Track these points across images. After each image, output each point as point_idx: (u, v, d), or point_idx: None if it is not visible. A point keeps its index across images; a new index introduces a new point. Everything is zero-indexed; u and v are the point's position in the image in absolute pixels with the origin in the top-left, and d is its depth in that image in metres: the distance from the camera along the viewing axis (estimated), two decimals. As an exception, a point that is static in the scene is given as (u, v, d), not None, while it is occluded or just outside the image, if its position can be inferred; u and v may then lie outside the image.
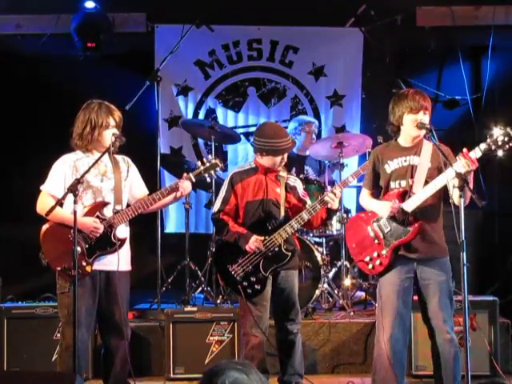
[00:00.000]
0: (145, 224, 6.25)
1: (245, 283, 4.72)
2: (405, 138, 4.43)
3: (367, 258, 4.42)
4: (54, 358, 5.13)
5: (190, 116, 7.54)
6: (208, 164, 4.57)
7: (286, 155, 4.87)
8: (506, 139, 3.99)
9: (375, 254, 4.39)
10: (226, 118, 7.60)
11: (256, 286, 4.73)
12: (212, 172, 4.58)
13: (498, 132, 4.02)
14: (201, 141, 7.46)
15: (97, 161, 4.38)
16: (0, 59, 7.16)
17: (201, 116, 7.55)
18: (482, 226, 6.69)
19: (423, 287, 4.35)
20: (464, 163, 4.05)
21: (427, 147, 4.35)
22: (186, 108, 7.58)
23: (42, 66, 7.31)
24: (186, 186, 4.51)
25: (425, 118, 4.34)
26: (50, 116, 7.23)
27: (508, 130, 4.00)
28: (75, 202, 4.16)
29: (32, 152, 7.00)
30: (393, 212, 4.32)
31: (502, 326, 5.48)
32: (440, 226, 4.40)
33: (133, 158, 4.76)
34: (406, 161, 4.39)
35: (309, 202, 4.92)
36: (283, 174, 4.91)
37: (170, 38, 6.97)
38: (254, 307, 4.72)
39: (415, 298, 4.45)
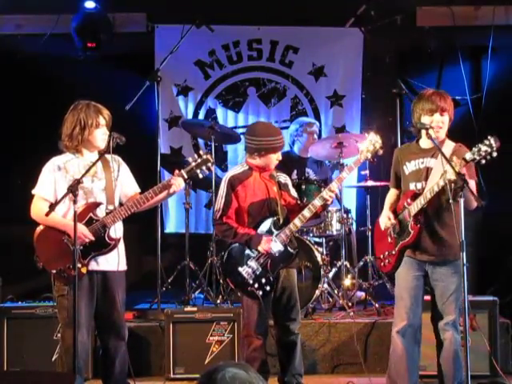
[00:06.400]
0: (145, 224, 6.26)
1: (256, 285, 4.68)
2: (425, 140, 4.40)
3: (381, 256, 4.55)
4: (54, 358, 5.13)
5: (190, 116, 7.55)
6: (199, 160, 4.51)
7: (280, 154, 4.86)
8: (489, 150, 3.95)
9: (387, 253, 4.49)
10: (226, 117, 7.60)
11: (266, 287, 4.70)
12: (204, 168, 4.51)
13: (484, 142, 3.98)
14: (201, 141, 7.45)
15: (96, 161, 4.36)
16: (0, 59, 7.16)
17: (201, 116, 7.55)
18: (482, 226, 6.69)
19: (434, 287, 4.38)
20: (453, 172, 4.03)
21: (447, 149, 4.29)
22: (186, 108, 7.58)
23: (41, 65, 7.30)
24: (178, 182, 4.47)
25: (442, 119, 4.31)
26: (49, 116, 7.21)
27: (492, 141, 3.94)
28: (75, 202, 4.16)
29: (32, 152, 6.98)
30: (387, 227, 4.42)
31: (502, 326, 5.49)
32: (451, 225, 4.25)
33: (133, 158, 4.74)
34: (422, 163, 4.38)
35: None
36: (274, 172, 4.91)
37: (169, 38, 6.96)
38: (259, 308, 4.70)
39: (427, 298, 4.46)
